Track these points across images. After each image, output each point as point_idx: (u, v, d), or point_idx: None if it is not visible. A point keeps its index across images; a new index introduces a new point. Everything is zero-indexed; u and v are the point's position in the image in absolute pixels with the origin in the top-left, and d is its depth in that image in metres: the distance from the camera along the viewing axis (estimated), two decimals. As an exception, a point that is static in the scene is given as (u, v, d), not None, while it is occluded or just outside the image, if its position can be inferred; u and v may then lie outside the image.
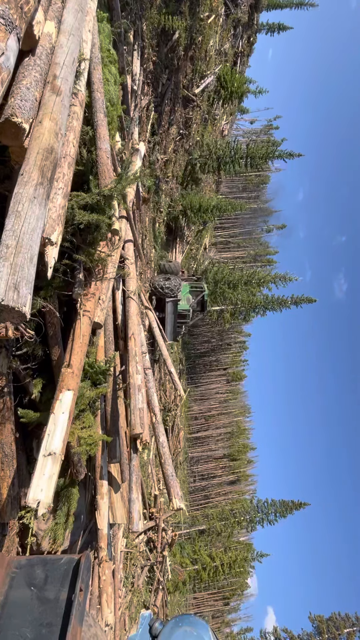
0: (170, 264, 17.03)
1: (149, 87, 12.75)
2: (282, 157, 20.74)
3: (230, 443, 55.83)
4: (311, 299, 28.20)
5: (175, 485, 4.04)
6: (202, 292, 18.45)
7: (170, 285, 14.37)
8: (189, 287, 17.83)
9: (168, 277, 14.94)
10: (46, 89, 2.62)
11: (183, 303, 16.95)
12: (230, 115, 34.66)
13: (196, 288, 18.58)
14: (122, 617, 8.60)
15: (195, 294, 18.40)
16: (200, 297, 18.38)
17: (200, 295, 18.38)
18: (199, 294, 18.51)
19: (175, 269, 16.85)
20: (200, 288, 18.67)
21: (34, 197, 2.04)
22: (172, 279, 14.81)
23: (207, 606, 40.80)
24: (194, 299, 18.17)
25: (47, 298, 3.57)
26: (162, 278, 14.76)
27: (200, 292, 18.46)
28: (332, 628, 26.75)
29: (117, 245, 4.55)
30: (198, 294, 18.45)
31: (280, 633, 28.43)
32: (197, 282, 19.13)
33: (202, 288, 18.69)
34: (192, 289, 18.06)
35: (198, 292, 18.44)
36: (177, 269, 17.06)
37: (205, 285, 19.05)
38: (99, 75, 4.34)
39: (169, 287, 14.35)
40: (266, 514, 32.97)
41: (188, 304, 17.37)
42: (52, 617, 2.17)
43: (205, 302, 18.94)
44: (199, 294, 18.51)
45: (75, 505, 4.59)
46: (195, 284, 18.74)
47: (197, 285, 18.73)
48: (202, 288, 18.69)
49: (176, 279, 14.90)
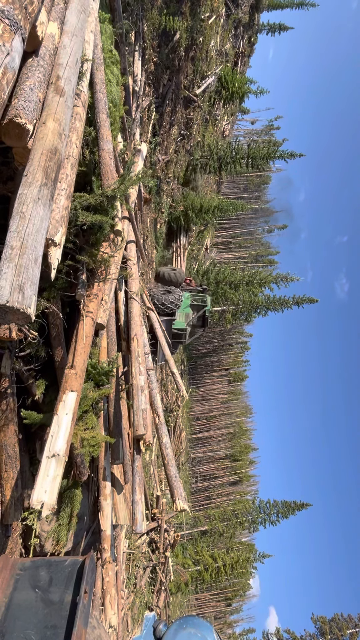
0: (174, 272, 15.03)
1: (150, 87, 12.76)
2: (283, 157, 20.73)
3: (232, 444, 55.79)
4: (313, 299, 28.17)
5: (179, 486, 4.03)
6: (204, 308, 16.38)
7: (169, 301, 12.76)
8: (190, 299, 15.86)
9: (168, 289, 13.39)
10: (49, 89, 2.62)
11: (179, 320, 14.90)
12: (231, 116, 34.68)
13: (198, 302, 16.54)
14: (125, 618, 8.59)
15: (197, 308, 16.34)
16: (201, 313, 16.30)
17: (201, 311, 16.31)
18: (200, 309, 16.44)
19: (178, 279, 14.99)
20: (203, 302, 16.59)
21: (38, 198, 2.03)
22: (172, 292, 13.25)
23: (209, 607, 40.74)
24: (194, 313, 16.11)
25: (50, 299, 3.56)
26: (162, 291, 13.20)
27: (202, 306, 16.38)
28: (334, 629, 26.67)
29: (120, 246, 4.55)
30: (199, 308, 16.40)
31: (283, 634, 28.36)
32: (200, 294, 16.87)
33: (205, 302, 16.58)
34: (193, 303, 16.09)
35: (199, 307, 16.38)
36: (180, 278, 15.14)
37: (209, 299, 16.89)
38: (101, 76, 4.34)
39: (168, 303, 12.71)
40: (268, 515, 32.92)
41: (185, 322, 15.23)
42: (57, 620, 2.17)
43: (207, 319, 16.98)
44: (200, 309, 16.44)
45: (78, 506, 4.58)
46: (198, 296, 16.65)
47: (200, 297, 16.64)
48: (205, 302, 16.58)
49: (177, 293, 13.32)
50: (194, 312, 16.27)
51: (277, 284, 27.43)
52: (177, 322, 14.71)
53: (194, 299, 16.31)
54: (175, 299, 12.90)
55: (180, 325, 14.91)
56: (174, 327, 14.25)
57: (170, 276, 14.84)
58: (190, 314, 15.71)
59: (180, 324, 14.99)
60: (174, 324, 14.14)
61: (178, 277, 14.98)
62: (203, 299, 16.59)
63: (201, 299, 16.56)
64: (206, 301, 16.60)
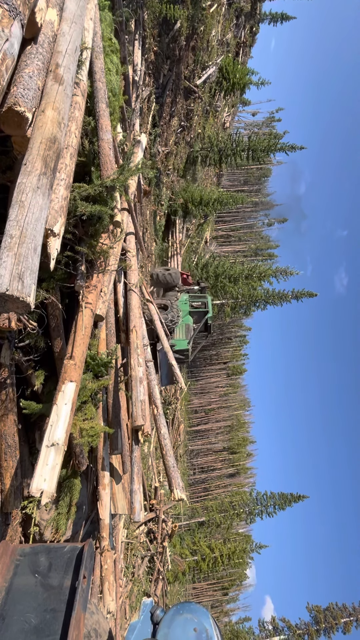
0: (169, 274, 13.48)
1: (150, 77, 12.61)
2: (284, 149, 20.57)
3: (230, 436, 56.21)
4: (312, 293, 28.16)
5: (177, 476, 4.08)
6: (206, 315, 14.62)
7: (168, 320, 11.30)
8: (188, 303, 14.09)
9: (165, 304, 11.80)
10: (48, 77, 2.59)
11: (180, 338, 12.99)
12: (232, 107, 34.33)
13: (198, 305, 14.82)
14: (123, 606, 8.73)
15: (197, 314, 14.63)
16: (203, 321, 14.50)
17: (203, 319, 14.52)
18: (202, 315, 14.67)
19: (174, 280, 13.51)
20: (204, 307, 14.76)
21: (37, 187, 2.03)
22: (170, 308, 11.73)
23: (206, 596, 41.40)
24: (195, 323, 14.28)
25: (49, 290, 3.57)
26: (158, 305, 11.34)
27: (203, 313, 14.65)
28: (329, 618, 27.15)
29: (119, 237, 4.54)
30: (200, 314, 14.66)
31: (278, 622, 28.86)
32: (199, 297, 15.08)
33: (206, 306, 14.76)
34: (192, 309, 14.40)
35: (200, 313, 14.67)
36: (176, 279, 13.64)
37: (209, 300, 15.05)
38: (101, 65, 4.29)
39: (167, 322, 11.20)
40: (265, 507, 33.29)
41: (187, 338, 13.28)
42: (56, 604, 2.21)
43: (210, 326, 15.20)
44: (202, 315, 14.67)
45: (77, 495, 4.63)
46: (197, 298, 14.91)
47: (200, 299, 14.89)
48: (206, 306, 14.76)
49: (174, 308, 11.77)
50: (195, 320, 14.45)
51: (277, 277, 27.42)
52: (178, 341, 12.89)
53: (192, 301, 14.65)
54: (173, 316, 11.47)
55: (182, 346, 12.99)
56: (176, 348, 12.53)
57: (166, 277, 13.42)
58: (190, 325, 13.77)
59: (182, 344, 13.01)
60: (176, 345, 12.47)
61: (174, 278, 13.60)
62: (203, 300, 14.95)
63: (201, 301, 14.94)
64: (207, 304, 14.90)
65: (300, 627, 27.52)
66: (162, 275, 13.35)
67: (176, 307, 12.25)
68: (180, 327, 13.16)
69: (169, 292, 13.89)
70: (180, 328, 13.17)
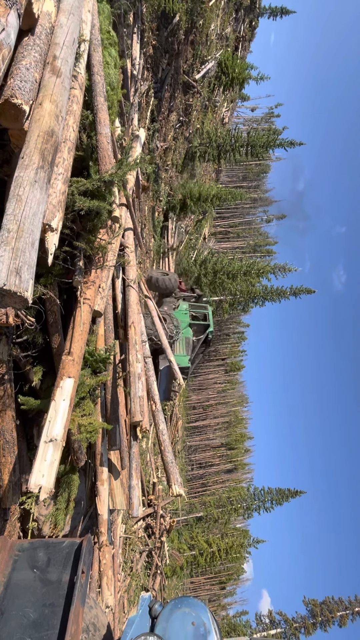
0: (167, 277, 12.54)
1: (149, 72, 12.50)
2: (283, 145, 20.49)
3: (227, 432, 56.43)
4: (310, 290, 28.19)
5: (175, 472, 4.09)
6: (207, 330, 13.60)
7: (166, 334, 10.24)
8: (188, 313, 13.09)
9: (164, 316, 10.74)
10: (46, 70, 2.56)
11: (180, 354, 12.02)
12: (230, 103, 34.13)
13: (197, 314, 13.76)
14: (121, 600, 8.79)
15: (197, 327, 13.62)
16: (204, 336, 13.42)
17: (204, 333, 13.47)
18: (202, 328, 13.60)
19: (173, 284, 12.57)
20: (204, 319, 13.70)
21: (35, 180, 2.00)
22: (170, 319, 10.91)
23: (203, 590, 41.73)
24: (195, 336, 13.23)
25: (47, 285, 3.55)
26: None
27: (204, 326, 13.65)
28: (325, 611, 27.43)
29: (117, 232, 4.52)
30: (201, 327, 13.65)
31: (275, 616, 29.14)
32: (199, 306, 14.08)
33: (206, 318, 13.68)
34: (192, 320, 13.31)
35: (201, 326, 13.73)
36: (174, 282, 12.71)
37: (210, 311, 13.93)
38: (99, 58, 4.24)
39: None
40: (263, 502, 33.51)
41: (188, 353, 12.31)
42: (55, 598, 2.21)
43: (210, 341, 14.17)
44: (202, 328, 13.60)
45: (75, 491, 4.64)
46: (197, 307, 13.90)
47: (199, 309, 13.85)
48: (206, 318, 13.68)
49: (174, 320, 10.83)
50: (194, 332, 13.34)
51: (275, 274, 27.40)
52: (178, 357, 11.75)
53: (192, 311, 13.62)
54: (172, 330, 10.48)
55: (183, 363, 11.89)
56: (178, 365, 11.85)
57: (165, 282, 12.45)
58: (190, 338, 12.69)
59: (182, 361, 11.87)
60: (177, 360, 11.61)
61: (172, 282, 12.63)
62: (204, 312, 13.93)
63: (201, 312, 13.89)
64: (208, 316, 13.82)
65: (296, 621, 27.80)
66: (161, 280, 12.34)
67: (175, 320, 11.39)
68: (180, 342, 12.05)
69: (167, 299, 13.08)
70: (180, 342, 12.05)
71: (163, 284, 12.36)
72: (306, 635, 26.98)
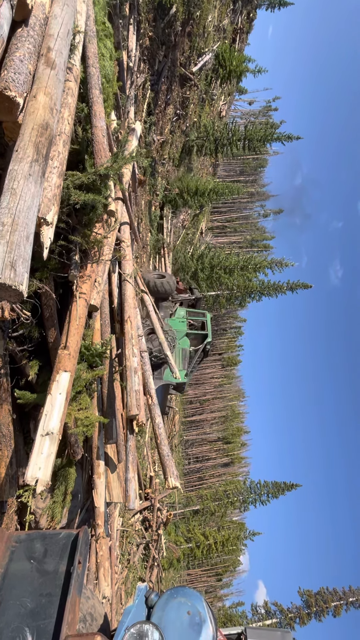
0: (166, 281, 11.74)
1: (145, 64, 12.38)
2: (280, 139, 20.40)
3: (224, 426, 56.75)
4: (307, 285, 28.22)
5: (171, 465, 4.13)
6: (205, 340, 12.91)
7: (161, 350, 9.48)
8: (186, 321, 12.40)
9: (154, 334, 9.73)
10: (40, 62, 2.54)
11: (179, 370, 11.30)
12: (228, 96, 33.87)
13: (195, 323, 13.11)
14: (119, 592, 8.89)
15: (195, 336, 12.94)
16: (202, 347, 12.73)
17: (202, 344, 12.77)
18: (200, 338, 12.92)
19: (171, 287, 11.86)
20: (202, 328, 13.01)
21: (29, 174, 2.00)
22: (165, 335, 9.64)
23: (200, 582, 42.22)
24: (192, 345, 12.61)
25: (42, 279, 3.55)
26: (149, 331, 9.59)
27: (202, 336, 12.99)
28: (320, 602, 27.86)
29: (113, 227, 4.51)
30: (198, 337, 12.98)
31: (271, 606, 29.58)
32: (197, 313, 13.44)
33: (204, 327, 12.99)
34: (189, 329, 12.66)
35: (199, 336, 13.05)
36: (173, 285, 12.02)
37: (209, 320, 13.21)
38: (94, 50, 4.20)
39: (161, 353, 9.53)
40: (259, 495, 33.85)
41: (184, 366, 11.70)
42: (52, 588, 2.25)
43: (208, 351, 13.54)
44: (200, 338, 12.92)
45: (72, 484, 4.67)
46: (195, 314, 13.26)
47: (197, 316, 13.21)
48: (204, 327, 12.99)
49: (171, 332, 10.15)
50: (191, 340, 12.70)
51: (272, 269, 27.38)
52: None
53: (190, 318, 12.99)
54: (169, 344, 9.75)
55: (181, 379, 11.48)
56: (173, 381, 11.09)
57: (164, 286, 11.63)
58: (187, 349, 12.06)
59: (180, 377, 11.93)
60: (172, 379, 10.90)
61: (170, 284, 11.84)
62: (202, 319, 13.25)
63: (199, 319, 13.22)
64: (206, 324, 13.07)
65: (291, 611, 28.23)
66: (158, 283, 11.52)
67: (171, 331, 10.71)
68: (177, 354, 11.32)
69: (163, 303, 12.43)
70: (177, 355, 11.32)
71: (162, 287, 11.63)
72: (301, 625, 27.44)
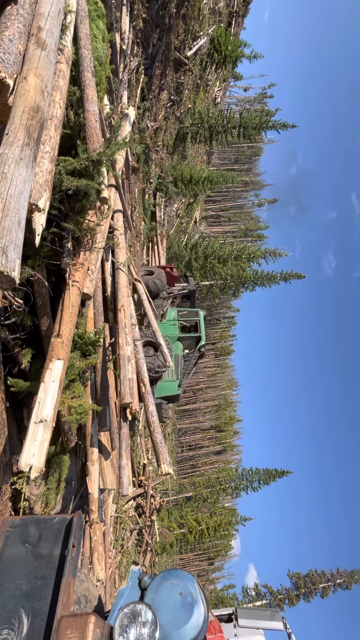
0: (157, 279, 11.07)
1: (139, 47, 12.09)
2: (275, 127, 20.17)
3: (217, 415, 57.36)
4: (300, 275, 28.31)
5: (164, 452, 4.18)
6: (199, 343, 12.42)
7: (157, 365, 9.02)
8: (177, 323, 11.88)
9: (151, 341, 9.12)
10: (30, 42, 2.47)
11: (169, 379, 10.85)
12: (223, 82, 33.28)
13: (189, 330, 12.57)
14: (113, 576, 9.06)
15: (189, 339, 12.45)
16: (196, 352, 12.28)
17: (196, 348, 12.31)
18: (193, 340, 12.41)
19: (161, 284, 11.22)
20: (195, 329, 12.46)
21: (20, 158, 1.96)
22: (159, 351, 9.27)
23: (192, 566, 43.16)
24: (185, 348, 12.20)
25: (35, 267, 3.51)
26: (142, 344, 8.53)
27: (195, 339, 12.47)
28: (308, 584, 28.72)
29: (107, 214, 4.46)
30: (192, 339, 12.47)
31: (261, 588, 30.42)
32: (190, 312, 12.95)
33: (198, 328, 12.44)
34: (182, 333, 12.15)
35: (192, 339, 12.53)
36: (163, 282, 11.35)
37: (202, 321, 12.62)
38: (86, 31, 4.09)
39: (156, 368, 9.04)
40: (250, 482, 34.46)
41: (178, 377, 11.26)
42: (46, 571, 2.28)
43: (203, 353, 13.14)
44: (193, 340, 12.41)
45: (66, 471, 4.71)
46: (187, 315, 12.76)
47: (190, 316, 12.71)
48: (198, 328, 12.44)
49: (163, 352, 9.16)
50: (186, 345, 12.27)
51: (266, 259, 27.39)
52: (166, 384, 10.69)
53: (182, 320, 12.55)
54: (163, 362, 9.15)
55: (172, 391, 10.91)
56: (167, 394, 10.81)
57: (155, 284, 10.98)
58: (180, 356, 11.67)
59: (171, 388, 10.87)
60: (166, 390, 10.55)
61: (161, 281, 11.22)
62: (195, 319, 12.76)
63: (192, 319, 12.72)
64: (199, 325, 12.54)
65: (281, 593, 29.08)
66: (151, 283, 10.91)
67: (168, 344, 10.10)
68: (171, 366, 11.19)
69: (154, 301, 11.97)
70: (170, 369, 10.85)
71: (153, 286, 11.00)
72: (290, 606, 28.31)
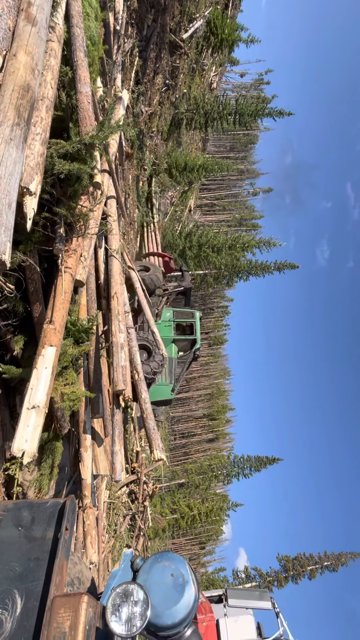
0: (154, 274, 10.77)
1: (133, 28, 11.75)
2: (272, 115, 19.89)
3: (210, 404, 57.93)
4: (294, 265, 28.37)
5: (157, 438, 4.22)
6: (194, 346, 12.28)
7: (151, 369, 9.22)
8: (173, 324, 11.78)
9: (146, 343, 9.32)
10: (20, 17, 2.39)
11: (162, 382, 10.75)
12: (219, 66, 32.66)
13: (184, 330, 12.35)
14: (106, 560, 9.22)
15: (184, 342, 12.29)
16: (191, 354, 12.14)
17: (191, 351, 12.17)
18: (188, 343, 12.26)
19: (157, 280, 10.94)
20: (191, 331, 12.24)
21: (10, 138, 1.92)
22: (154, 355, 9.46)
23: (184, 550, 44.09)
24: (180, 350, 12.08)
25: (27, 252, 3.46)
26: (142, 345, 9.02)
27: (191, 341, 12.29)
28: (297, 566, 29.56)
29: (100, 200, 4.39)
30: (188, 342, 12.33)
31: (251, 571, 31.24)
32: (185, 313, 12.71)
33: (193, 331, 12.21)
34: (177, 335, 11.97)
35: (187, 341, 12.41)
36: (159, 277, 11.12)
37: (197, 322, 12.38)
38: (78, 8, 3.96)
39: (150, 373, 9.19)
40: (242, 469, 35.08)
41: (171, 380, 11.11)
42: (40, 553, 2.32)
43: (197, 356, 12.94)
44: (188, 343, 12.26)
45: (59, 457, 4.74)
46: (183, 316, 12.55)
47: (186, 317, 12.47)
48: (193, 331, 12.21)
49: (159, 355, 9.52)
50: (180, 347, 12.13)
51: (260, 248, 27.34)
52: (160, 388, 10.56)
53: (177, 320, 12.34)
54: (157, 366, 9.31)
55: (165, 395, 10.81)
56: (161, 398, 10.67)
57: (152, 280, 10.65)
58: (174, 360, 11.48)
59: (164, 392, 10.78)
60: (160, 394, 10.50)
61: (157, 276, 10.90)
62: (190, 319, 12.52)
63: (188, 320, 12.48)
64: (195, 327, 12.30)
65: (270, 575, 29.91)
66: (147, 279, 10.59)
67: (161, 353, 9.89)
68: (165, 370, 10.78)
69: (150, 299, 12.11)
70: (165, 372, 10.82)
71: (151, 283, 10.67)
72: (279, 588, 29.17)
